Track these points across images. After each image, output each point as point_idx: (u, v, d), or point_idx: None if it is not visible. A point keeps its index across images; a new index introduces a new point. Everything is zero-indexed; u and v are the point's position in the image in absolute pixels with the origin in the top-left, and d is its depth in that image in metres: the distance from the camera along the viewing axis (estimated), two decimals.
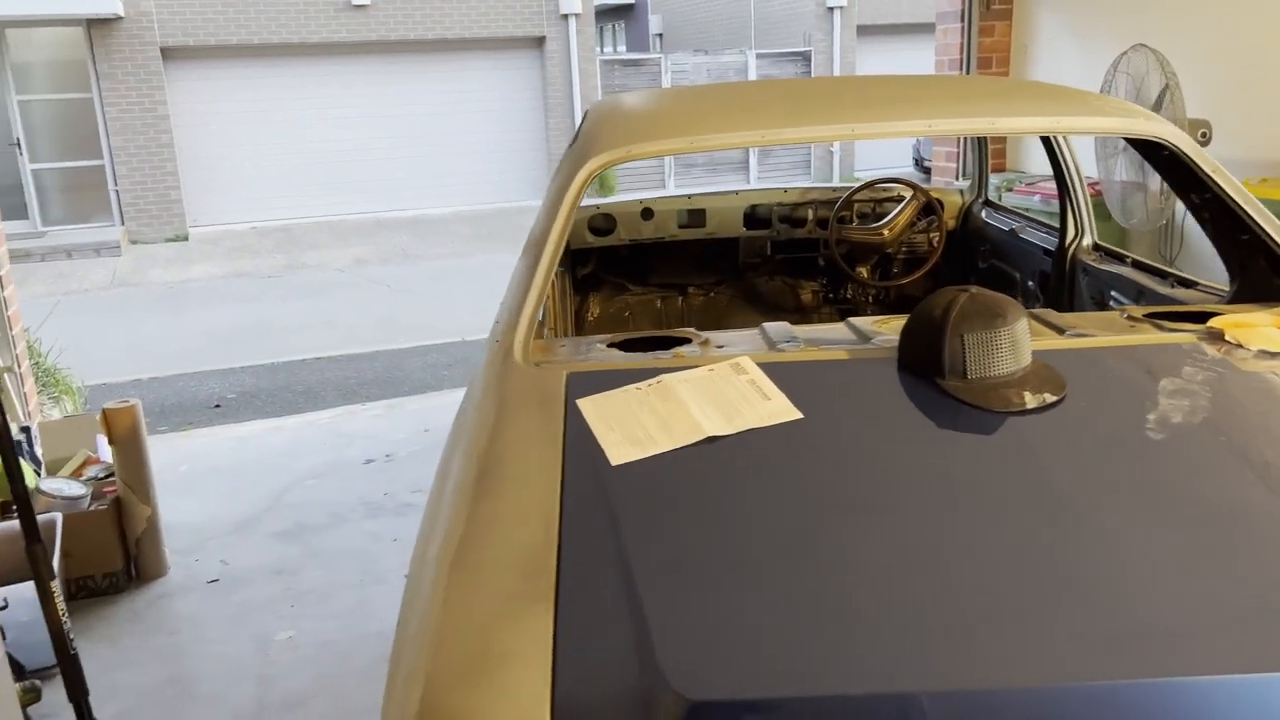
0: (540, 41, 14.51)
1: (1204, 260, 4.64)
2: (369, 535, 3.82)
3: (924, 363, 1.67)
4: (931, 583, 1.27)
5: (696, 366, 1.79)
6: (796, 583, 1.28)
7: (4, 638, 2.40)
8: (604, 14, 22.97)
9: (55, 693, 2.86)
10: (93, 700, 2.37)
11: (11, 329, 4.64)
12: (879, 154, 16.43)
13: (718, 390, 1.69)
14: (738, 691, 1.13)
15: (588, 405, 1.69)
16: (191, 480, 4.42)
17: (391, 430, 4.97)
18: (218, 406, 5.89)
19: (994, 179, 5.54)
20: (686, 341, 1.99)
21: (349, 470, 4.47)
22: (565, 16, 14.27)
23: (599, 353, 1.96)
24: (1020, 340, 1.63)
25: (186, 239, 12.96)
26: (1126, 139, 2.24)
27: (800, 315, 4.34)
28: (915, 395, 1.65)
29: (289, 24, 13.33)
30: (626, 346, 2.01)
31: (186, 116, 13.25)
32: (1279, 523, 1.32)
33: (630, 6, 23.32)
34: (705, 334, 2.02)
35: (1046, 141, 3.06)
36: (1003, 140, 6.10)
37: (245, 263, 11.26)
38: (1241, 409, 1.57)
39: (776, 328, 2.02)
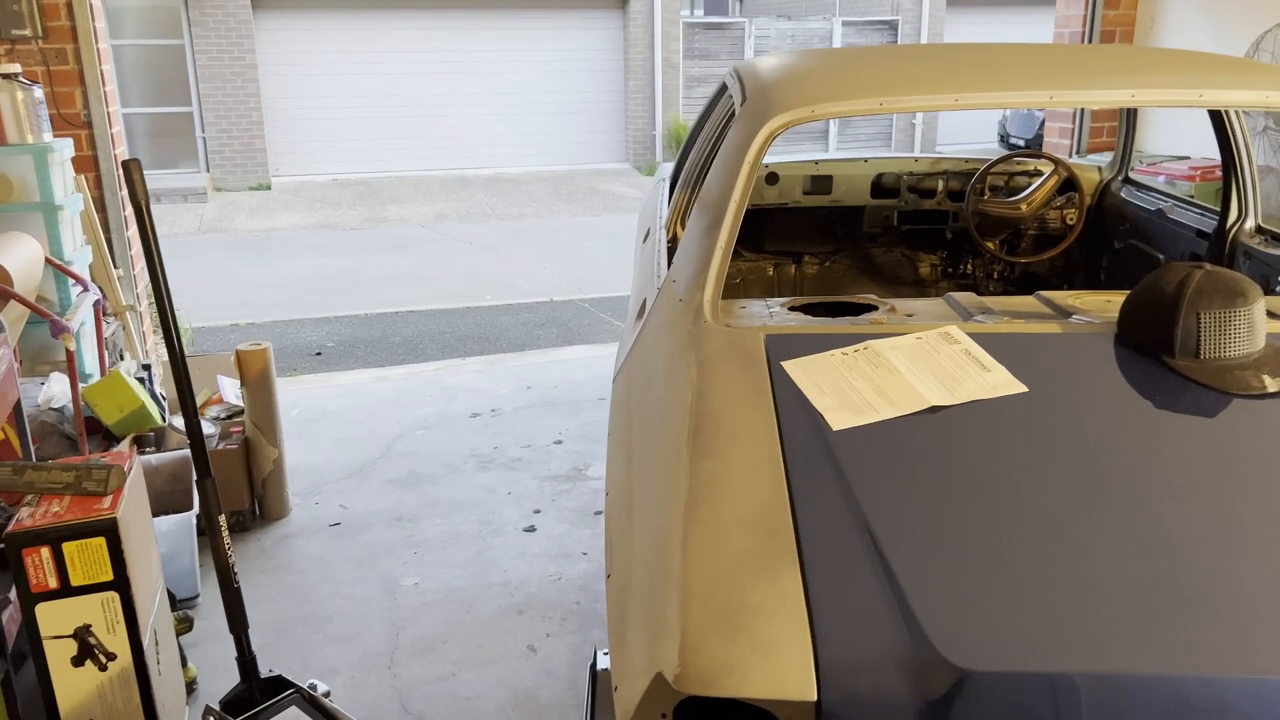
0: (624, 2, 14.36)
1: None
2: (483, 488, 3.86)
3: (1150, 340, 1.61)
4: (1190, 567, 1.23)
5: (898, 334, 1.76)
6: (1050, 559, 1.25)
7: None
8: None
9: (202, 622, 2.95)
10: None
11: (134, 269, 4.74)
12: (961, 129, 16.09)
13: (930, 359, 1.66)
14: (1012, 664, 1.11)
15: (794, 368, 1.67)
16: (303, 425, 4.50)
17: (494, 386, 5.00)
18: (319, 354, 5.98)
19: (1108, 157, 5.38)
20: (873, 308, 1.96)
21: (457, 423, 4.51)
22: None
23: (783, 315, 1.93)
24: (1258, 322, 1.57)
25: (269, 188, 13.14)
26: None
27: (918, 289, 4.27)
28: (1142, 373, 1.60)
29: None
30: (809, 311, 1.98)
31: (273, 67, 13.38)
32: None
33: None
34: (890, 301, 1.98)
35: (1216, 117, 2.94)
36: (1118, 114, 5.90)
37: (328, 214, 11.38)
38: None
39: (965, 298, 1.97)
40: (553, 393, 4.89)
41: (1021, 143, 13.68)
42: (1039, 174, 3.79)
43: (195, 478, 2.29)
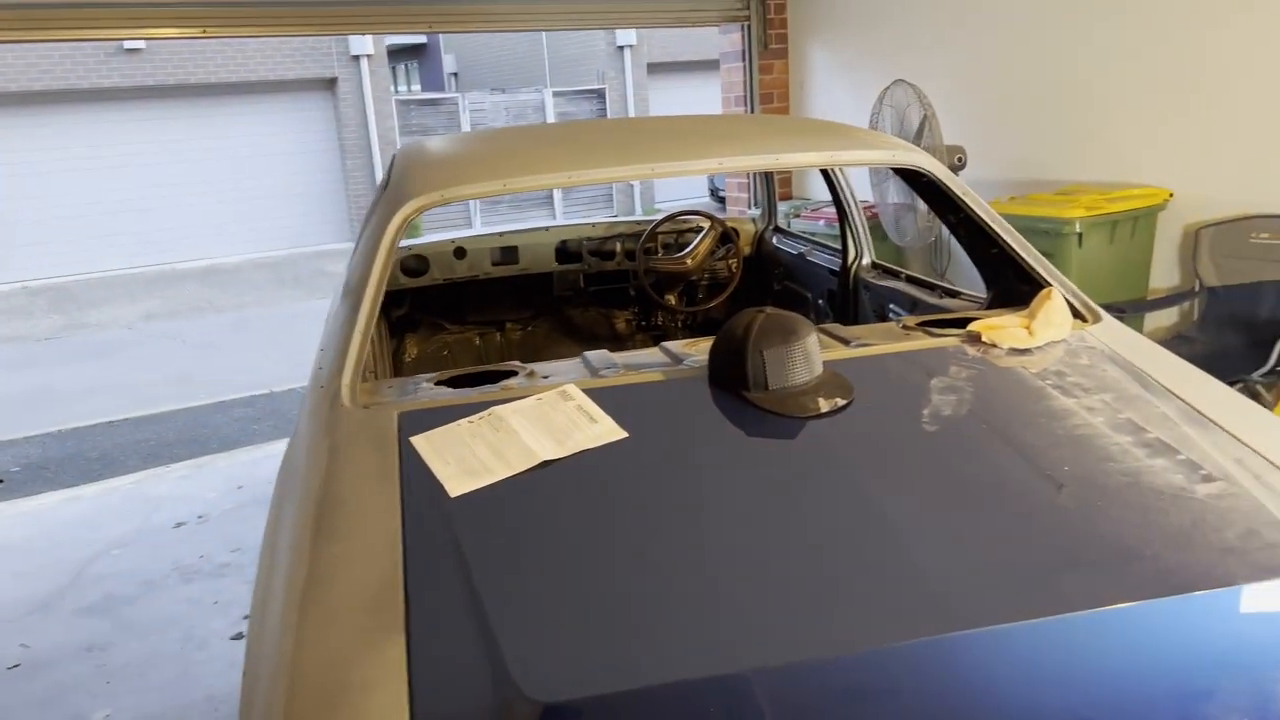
0: (332, 83, 14.23)
1: (970, 272, 5.15)
2: (187, 600, 3.66)
3: (731, 378, 1.83)
4: (751, 573, 1.41)
5: (525, 397, 1.88)
6: (632, 586, 1.39)
7: None
8: (396, 53, 22.74)
9: None
10: None
11: None
12: (678, 186, 17.06)
13: (547, 417, 1.79)
14: (586, 690, 1.23)
15: (421, 442, 1.75)
16: None
17: (202, 490, 4.76)
18: (1, 482, 5.44)
19: (783, 206, 5.95)
20: (513, 374, 2.07)
21: (159, 535, 4.25)
22: (356, 58, 14.08)
23: (427, 391, 2.01)
24: (811, 352, 1.82)
25: None
26: (893, 169, 2.51)
27: (616, 343, 4.51)
28: (725, 407, 1.81)
29: (53, 70, 12.48)
30: (454, 383, 2.07)
31: None
32: (1036, 494, 1.55)
33: (423, 46, 23.22)
34: (529, 365, 2.11)
35: (825, 173, 3.35)
36: (788, 171, 6.53)
37: (17, 325, 10.41)
38: (999, 399, 1.82)
39: (597, 355, 2.14)
40: (266, 489, 4.68)
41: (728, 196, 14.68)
42: (702, 230, 4.13)
43: None
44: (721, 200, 15.02)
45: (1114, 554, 1.41)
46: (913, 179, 2.54)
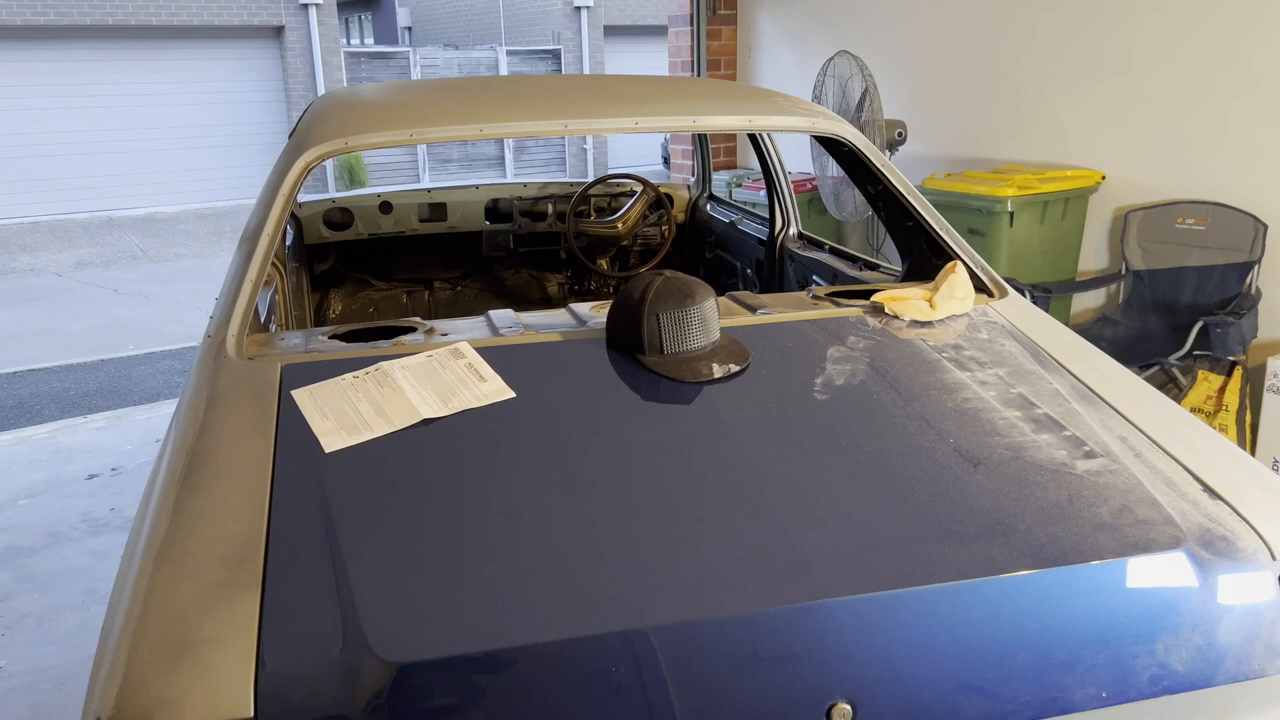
0: (279, 31, 13.85)
1: None
2: (93, 554, 3.57)
3: (627, 341, 1.80)
4: (616, 537, 1.39)
5: (417, 353, 1.84)
6: (498, 547, 1.36)
7: None
8: (349, 5, 22.22)
9: None
10: None
11: None
12: (630, 151, 16.95)
13: (435, 375, 1.75)
14: (438, 651, 1.20)
15: (302, 395, 1.70)
16: None
17: (118, 442, 4.64)
18: None
19: (725, 175, 5.91)
20: (411, 330, 2.03)
21: (69, 487, 4.14)
22: (305, 6, 13.71)
23: (319, 344, 1.96)
24: (709, 318, 1.80)
25: None
26: (814, 136, 2.48)
27: (547, 306, 4.46)
28: (619, 370, 1.78)
29: None
30: (350, 337, 2.02)
31: None
32: (917, 465, 1.54)
33: None
34: (430, 323, 2.06)
35: (755, 143, 3.32)
36: (733, 139, 6.49)
37: None
38: (894, 370, 1.81)
39: (501, 315, 2.10)
40: None
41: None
42: (635, 194, 4.08)
43: None
44: None
45: (986, 527, 1.41)
46: (834, 148, 2.52)
